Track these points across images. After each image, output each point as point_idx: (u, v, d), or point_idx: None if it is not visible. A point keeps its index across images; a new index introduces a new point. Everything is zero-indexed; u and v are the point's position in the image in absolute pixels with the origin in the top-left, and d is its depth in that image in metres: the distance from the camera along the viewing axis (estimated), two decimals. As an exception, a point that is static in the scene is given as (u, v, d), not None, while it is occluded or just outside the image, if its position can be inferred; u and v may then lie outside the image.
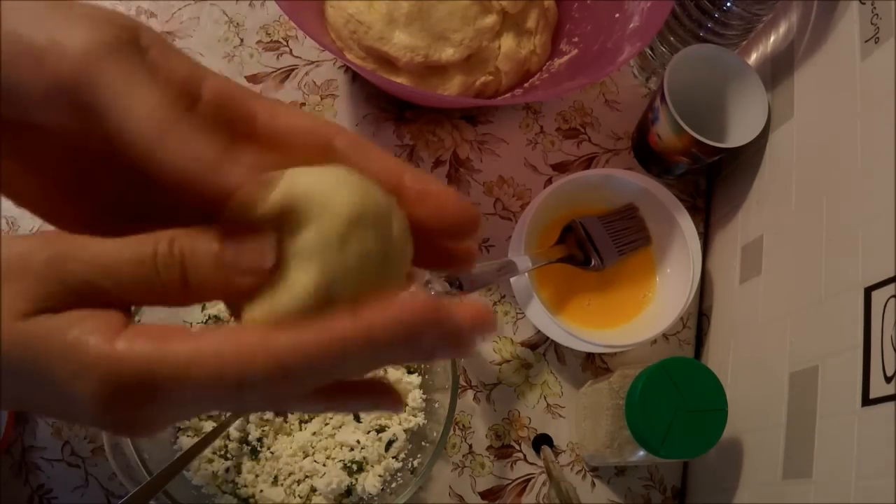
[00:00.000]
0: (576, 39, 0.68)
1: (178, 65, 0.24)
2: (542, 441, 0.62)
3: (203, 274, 0.23)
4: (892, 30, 0.48)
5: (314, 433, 0.55)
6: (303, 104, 0.67)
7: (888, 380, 0.41)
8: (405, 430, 0.55)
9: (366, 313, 0.22)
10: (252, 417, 0.54)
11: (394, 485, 0.55)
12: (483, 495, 0.60)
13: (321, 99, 0.68)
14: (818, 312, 0.50)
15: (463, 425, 0.62)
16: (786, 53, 0.61)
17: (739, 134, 0.61)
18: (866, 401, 0.43)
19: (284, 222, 0.23)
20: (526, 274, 0.58)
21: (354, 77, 0.68)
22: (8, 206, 0.69)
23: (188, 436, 0.54)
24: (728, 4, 0.60)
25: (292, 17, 0.54)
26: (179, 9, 0.68)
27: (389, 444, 0.55)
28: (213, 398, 0.22)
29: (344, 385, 0.26)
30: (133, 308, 0.25)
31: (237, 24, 0.69)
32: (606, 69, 0.60)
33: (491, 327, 0.24)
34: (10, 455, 0.56)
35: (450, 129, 0.68)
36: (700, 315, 0.67)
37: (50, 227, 0.26)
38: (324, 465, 0.54)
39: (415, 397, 0.56)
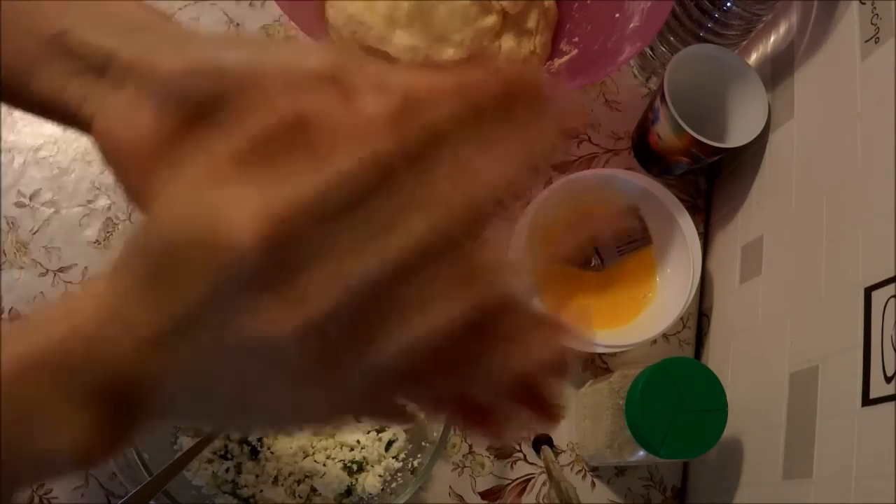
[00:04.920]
0: (576, 39, 0.68)
1: None
2: (542, 441, 0.62)
3: None
4: (892, 30, 0.48)
5: (314, 433, 0.55)
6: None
7: (888, 380, 0.41)
8: (405, 430, 0.55)
9: None
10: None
11: (394, 485, 0.55)
12: (483, 495, 0.60)
13: (321, 99, 0.67)
14: (818, 312, 0.50)
15: (463, 425, 0.61)
16: (786, 53, 0.61)
17: (739, 134, 0.61)
18: (866, 401, 0.43)
19: None
20: (526, 274, 0.58)
21: (354, 77, 0.68)
22: (8, 206, 0.68)
23: (188, 436, 0.54)
24: (728, 4, 0.60)
25: (292, 17, 0.54)
26: (179, 9, 0.68)
27: (389, 444, 0.55)
28: None
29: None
30: None
31: (237, 24, 0.69)
32: (606, 69, 0.60)
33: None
34: (11, 455, 0.56)
35: (450, 129, 0.68)
36: (700, 315, 0.67)
37: None
38: (324, 465, 0.54)
39: (415, 397, 0.56)
